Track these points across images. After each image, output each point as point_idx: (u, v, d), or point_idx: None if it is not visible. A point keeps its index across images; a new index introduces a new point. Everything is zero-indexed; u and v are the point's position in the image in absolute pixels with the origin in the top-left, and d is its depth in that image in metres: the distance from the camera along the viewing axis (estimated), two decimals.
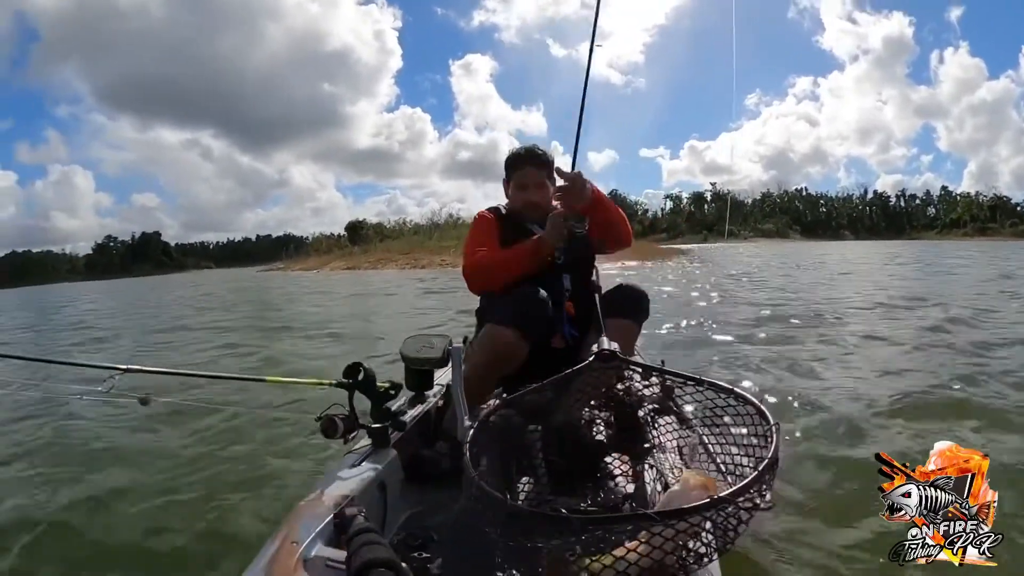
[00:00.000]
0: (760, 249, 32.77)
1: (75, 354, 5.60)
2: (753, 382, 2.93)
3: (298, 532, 0.85)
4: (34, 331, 9.26)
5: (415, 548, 0.95)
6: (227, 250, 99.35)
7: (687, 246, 36.59)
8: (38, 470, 2.22)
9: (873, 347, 3.88)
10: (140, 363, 1.07)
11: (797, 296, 7.26)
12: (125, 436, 2.50)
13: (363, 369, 1.20)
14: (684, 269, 15.30)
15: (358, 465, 1.10)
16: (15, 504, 1.93)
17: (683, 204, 72.57)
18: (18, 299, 24.72)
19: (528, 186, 1.67)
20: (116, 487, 1.97)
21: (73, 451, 2.40)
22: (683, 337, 4.57)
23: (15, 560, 1.56)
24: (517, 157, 1.71)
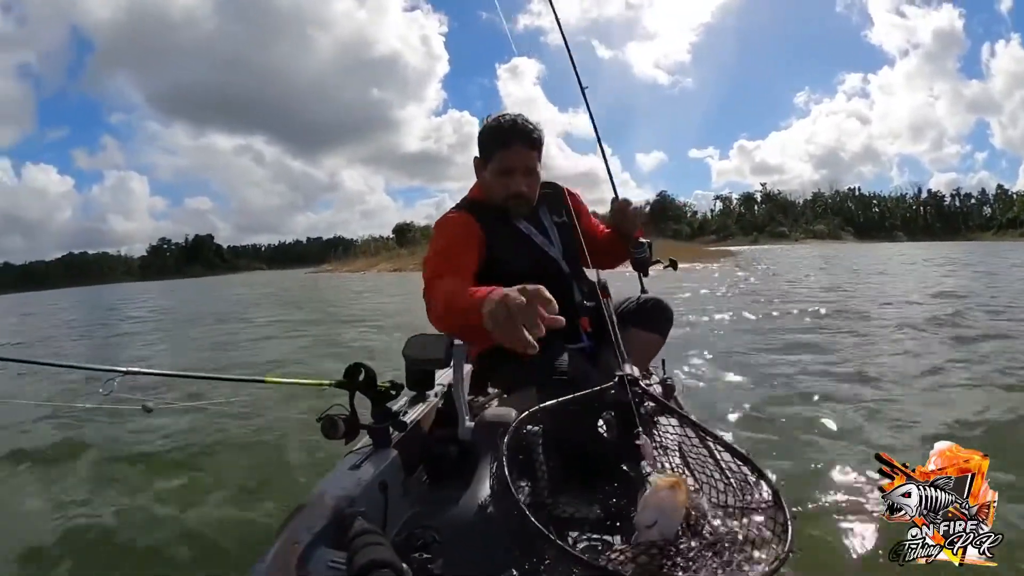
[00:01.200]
0: (811, 250, 31.72)
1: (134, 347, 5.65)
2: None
3: (299, 533, 0.85)
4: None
5: (417, 549, 0.95)
6: (278, 252, 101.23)
7: (736, 248, 36.04)
8: (38, 473, 2.22)
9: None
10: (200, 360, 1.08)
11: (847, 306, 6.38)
12: (123, 437, 2.51)
13: (364, 369, 1.20)
14: (727, 273, 14.30)
15: (359, 466, 1.10)
16: (16, 506, 1.93)
17: (733, 205, 71.17)
18: (84, 297, 25.23)
19: (515, 171, 1.30)
20: (115, 489, 1.98)
21: (73, 454, 2.40)
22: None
23: (17, 562, 1.57)
24: (501, 131, 1.30)
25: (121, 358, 6.48)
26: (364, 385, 1.20)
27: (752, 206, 69.96)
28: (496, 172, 1.32)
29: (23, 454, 2.43)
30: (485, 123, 1.36)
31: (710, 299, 7.47)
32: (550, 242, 1.41)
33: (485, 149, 1.34)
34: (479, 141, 1.36)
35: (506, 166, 1.30)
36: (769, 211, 66.18)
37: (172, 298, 19.14)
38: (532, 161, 1.33)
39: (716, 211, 71.98)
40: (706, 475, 0.92)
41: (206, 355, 6.11)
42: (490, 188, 1.34)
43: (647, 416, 1.01)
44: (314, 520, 0.89)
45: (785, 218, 63.20)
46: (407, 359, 1.51)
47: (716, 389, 3.12)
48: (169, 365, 5.50)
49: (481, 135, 1.36)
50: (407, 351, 1.49)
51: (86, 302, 22.64)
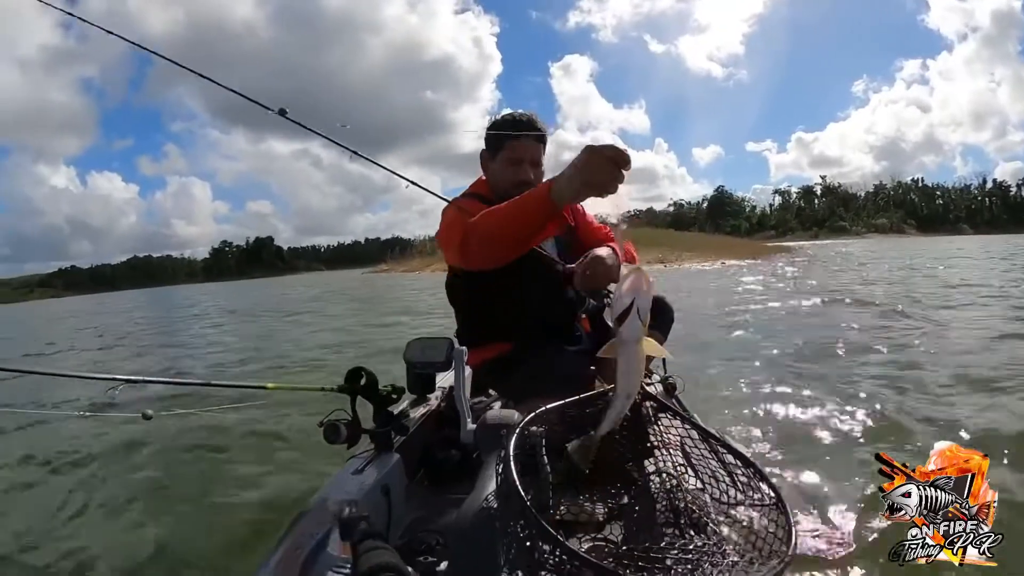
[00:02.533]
0: (872, 245, 30.15)
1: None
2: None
3: (302, 538, 0.86)
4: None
5: (420, 552, 0.95)
6: (337, 253, 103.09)
7: (795, 243, 34.79)
8: (41, 480, 2.22)
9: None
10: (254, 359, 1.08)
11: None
12: (127, 445, 2.50)
13: (365, 374, 1.20)
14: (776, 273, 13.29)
15: (361, 470, 1.10)
16: (17, 510, 1.93)
17: (792, 199, 68.82)
18: (153, 298, 26.24)
19: (523, 160, 1.39)
20: (119, 495, 1.98)
21: (77, 460, 2.40)
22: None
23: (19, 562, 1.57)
24: (515, 124, 1.40)
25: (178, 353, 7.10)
26: (365, 389, 1.20)
27: (812, 200, 67.54)
28: (505, 161, 1.39)
29: (26, 460, 2.43)
30: (495, 119, 1.44)
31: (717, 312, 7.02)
32: (545, 239, 1.44)
33: (495, 141, 1.42)
34: (487, 136, 1.44)
35: (516, 156, 1.38)
36: (829, 205, 63.74)
37: (226, 298, 20.22)
38: (539, 154, 1.41)
39: (775, 206, 69.83)
40: (709, 474, 0.92)
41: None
42: (498, 177, 1.41)
43: (649, 417, 1.01)
44: (317, 525, 0.89)
45: (846, 212, 60.70)
46: (408, 363, 1.51)
47: (718, 389, 3.13)
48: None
49: (490, 128, 1.44)
50: (408, 355, 1.50)
51: (157, 302, 25.05)
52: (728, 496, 0.87)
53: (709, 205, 67.95)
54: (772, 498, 0.78)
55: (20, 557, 1.60)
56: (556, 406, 0.94)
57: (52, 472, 2.29)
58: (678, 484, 0.92)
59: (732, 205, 67.67)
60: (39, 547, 1.64)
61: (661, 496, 0.92)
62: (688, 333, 4.95)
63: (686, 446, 1.01)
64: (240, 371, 4.97)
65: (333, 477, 1.09)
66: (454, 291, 1.48)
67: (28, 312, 35.55)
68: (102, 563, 1.58)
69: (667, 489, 0.93)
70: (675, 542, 0.80)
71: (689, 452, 0.99)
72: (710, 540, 0.78)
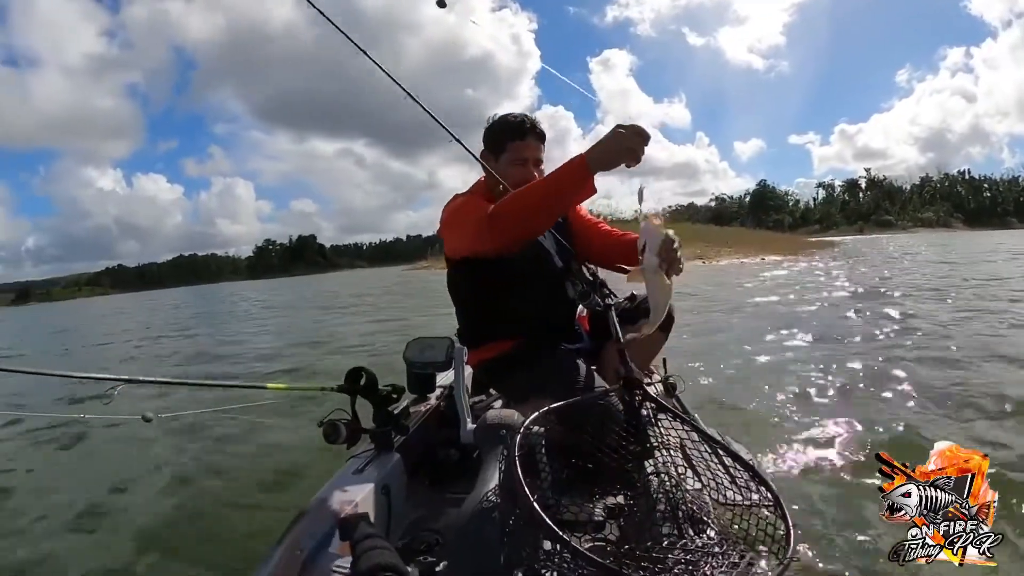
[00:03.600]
0: (918, 240, 28.74)
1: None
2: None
3: (303, 538, 0.86)
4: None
5: (420, 552, 0.95)
6: (379, 250, 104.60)
7: (839, 238, 33.66)
8: (39, 482, 2.22)
9: None
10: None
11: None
12: (127, 445, 2.51)
13: (365, 373, 1.20)
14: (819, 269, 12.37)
15: (362, 470, 1.11)
16: (17, 512, 1.93)
17: (836, 193, 66.49)
18: (199, 294, 27.43)
19: (527, 161, 1.42)
20: (119, 495, 1.98)
21: (75, 461, 2.40)
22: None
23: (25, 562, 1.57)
24: (520, 125, 1.42)
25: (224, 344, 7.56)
26: (365, 389, 1.20)
27: (856, 193, 65.17)
28: (510, 161, 1.42)
29: (27, 461, 2.43)
30: (495, 120, 1.46)
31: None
32: (544, 235, 1.46)
33: (496, 142, 1.44)
34: (489, 136, 1.46)
35: (521, 156, 1.41)
36: (874, 198, 61.44)
37: (268, 292, 22.44)
38: (541, 153, 1.45)
39: (819, 200, 67.43)
40: (709, 475, 0.92)
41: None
42: (505, 175, 1.43)
43: (649, 418, 1.01)
44: (317, 524, 0.89)
45: (892, 206, 58.52)
46: (408, 362, 1.51)
47: (719, 383, 3.13)
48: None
49: (491, 130, 1.46)
50: (408, 355, 1.50)
51: (202, 299, 26.28)
52: (727, 497, 0.87)
53: (751, 199, 66.25)
54: (771, 500, 0.77)
55: (19, 559, 1.60)
56: (559, 406, 0.94)
57: (52, 473, 2.29)
58: (678, 484, 0.93)
59: (775, 199, 65.98)
60: (39, 549, 1.64)
61: (661, 496, 0.92)
62: (698, 325, 4.96)
63: (686, 447, 1.01)
64: (269, 365, 5.01)
65: (333, 477, 1.09)
66: (455, 287, 1.49)
67: (72, 309, 36.49)
68: (102, 563, 1.59)
69: (667, 489, 0.93)
70: (675, 542, 0.80)
71: (689, 453, 0.99)
72: (710, 540, 0.78)
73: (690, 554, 0.73)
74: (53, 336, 13.67)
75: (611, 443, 0.99)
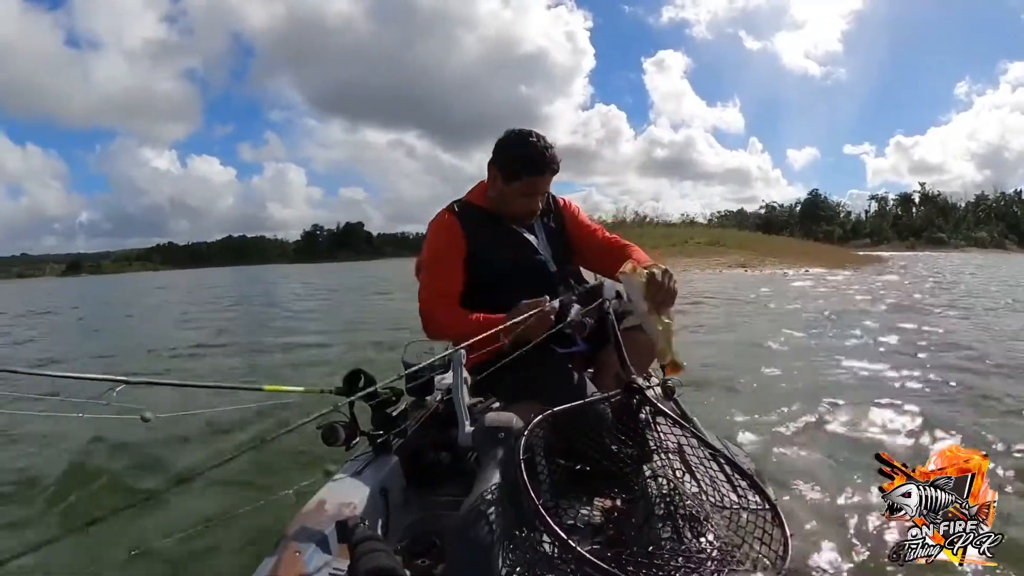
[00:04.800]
0: (967, 259, 26.79)
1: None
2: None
3: (301, 541, 0.85)
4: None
5: (418, 554, 0.95)
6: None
7: (888, 253, 32.29)
8: (34, 482, 2.21)
9: None
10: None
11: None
12: (122, 447, 2.49)
13: (363, 376, 1.20)
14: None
15: (360, 472, 1.10)
16: (15, 514, 1.92)
17: (889, 206, 64.84)
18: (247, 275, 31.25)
19: (536, 194, 1.44)
20: (114, 497, 1.97)
21: (70, 461, 2.39)
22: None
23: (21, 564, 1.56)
24: (538, 161, 1.41)
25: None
26: (364, 392, 1.20)
27: (909, 208, 63.11)
28: (521, 193, 1.42)
29: (24, 463, 2.42)
30: (515, 139, 1.42)
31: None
32: (539, 243, 1.49)
33: (512, 169, 1.41)
34: (506, 157, 1.42)
35: (532, 190, 1.42)
36: (927, 214, 59.44)
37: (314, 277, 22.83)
38: (549, 186, 1.47)
39: (871, 212, 65.15)
40: (708, 480, 0.92)
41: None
42: (508, 202, 1.44)
43: (648, 421, 1.01)
44: (316, 527, 0.89)
45: (945, 223, 56.63)
46: (406, 365, 1.51)
47: (721, 389, 3.13)
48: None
49: (508, 153, 1.42)
50: (406, 357, 1.50)
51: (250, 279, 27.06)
52: (726, 501, 0.86)
53: (802, 209, 64.84)
54: (768, 507, 0.77)
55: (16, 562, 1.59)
56: (562, 409, 0.94)
57: (49, 474, 2.28)
58: (675, 488, 0.93)
59: (826, 210, 64.37)
60: (37, 551, 1.63)
61: (659, 500, 0.92)
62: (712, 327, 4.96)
63: (684, 451, 1.01)
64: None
65: (331, 479, 1.09)
66: None
67: (120, 282, 38.33)
68: (96, 567, 1.58)
69: (664, 493, 0.93)
70: (672, 546, 0.80)
71: (687, 457, 0.99)
72: (709, 544, 0.78)
73: (689, 558, 0.73)
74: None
75: (609, 447, 1.00)
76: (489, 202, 1.48)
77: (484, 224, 1.44)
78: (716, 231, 29.41)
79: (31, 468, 2.37)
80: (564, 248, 1.54)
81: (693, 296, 8.65)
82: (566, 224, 1.58)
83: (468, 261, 1.43)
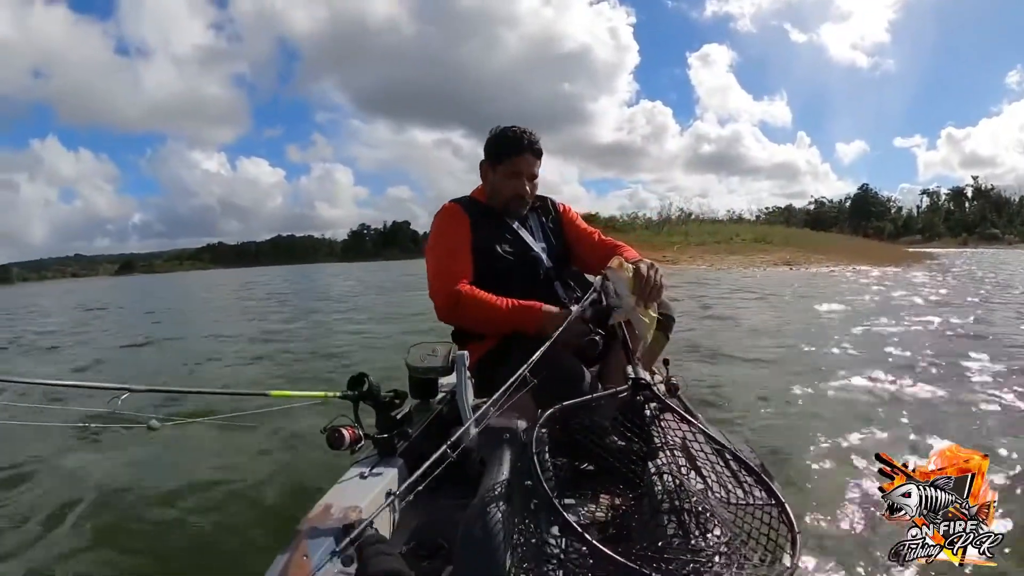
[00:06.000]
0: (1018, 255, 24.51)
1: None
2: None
3: (308, 545, 0.86)
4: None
5: (425, 557, 0.96)
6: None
7: (940, 250, 31.29)
8: (42, 489, 2.22)
9: None
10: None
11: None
12: (129, 453, 2.51)
13: (367, 380, 1.21)
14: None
15: (365, 476, 1.11)
16: (22, 515, 1.94)
17: (940, 201, 62.34)
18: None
19: (522, 174, 1.49)
20: (122, 503, 1.98)
21: (77, 467, 2.40)
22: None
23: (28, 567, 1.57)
24: (518, 140, 1.48)
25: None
26: (368, 395, 1.20)
27: (962, 203, 60.46)
28: (506, 174, 1.49)
29: (31, 471, 2.43)
30: (498, 131, 1.51)
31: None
32: (535, 240, 1.54)
33: (497, 152, 1.50)
34: (489, 147, 1.51)
35: (516, 169, 1.48)
36: (981, 209, 56.80)
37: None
38: (536, 168, 1.51)
39: (922, 208, 62.90)
40: (714, 477, 0.93)
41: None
42: (498, 188, 1.51)
43: (653, 417, 1.02)
44: (322, 531, 0.90)
45: (998, 218, 54.24)
46: (410, 368, 1.52)
47: (722, 388, 3.13)
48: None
49: (492, 141, 1.51)
50: (409, 360, 1.50)
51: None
52: (732, 497, 0.87)
53: (852, 204, 62.91)
54: (775, 503, 0.78)
55: (12, 568, 1.60)
56: (570, 404, 0.95)
57: (56, 482, 2.30)
58: (681, 484, 0.93)
59: (877, 205, 62.45)
60: (34, 559, 1.65)
61: (664, 496, 0.93)
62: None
63: (690, 447, 1.01)
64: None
65: (337, 483, 1.10)
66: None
67: (172, 280, 39.63)
68: (107, 573, 1.59)
69: (670, 490, 0.94)
70: (679, 542, 0.80)
71: (694, 454, 1.00)
72: (716, 541, 0.78)
73: (697, 554, 0.74)
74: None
75: (615, 443, 1.00)
76: (487, 198, 1.55)
77: (484, 217, 1.50)
78: (763, 228, 28.96)
79: (34, 477, 2.38)
80: (562, 247, 1.58)
81: (725, 295, 8.48)
82: (564, 227, 1.62)
83: (472, 251, 1.47)
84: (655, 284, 1.21)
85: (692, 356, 4.01)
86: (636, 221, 32.87)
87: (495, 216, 1.51)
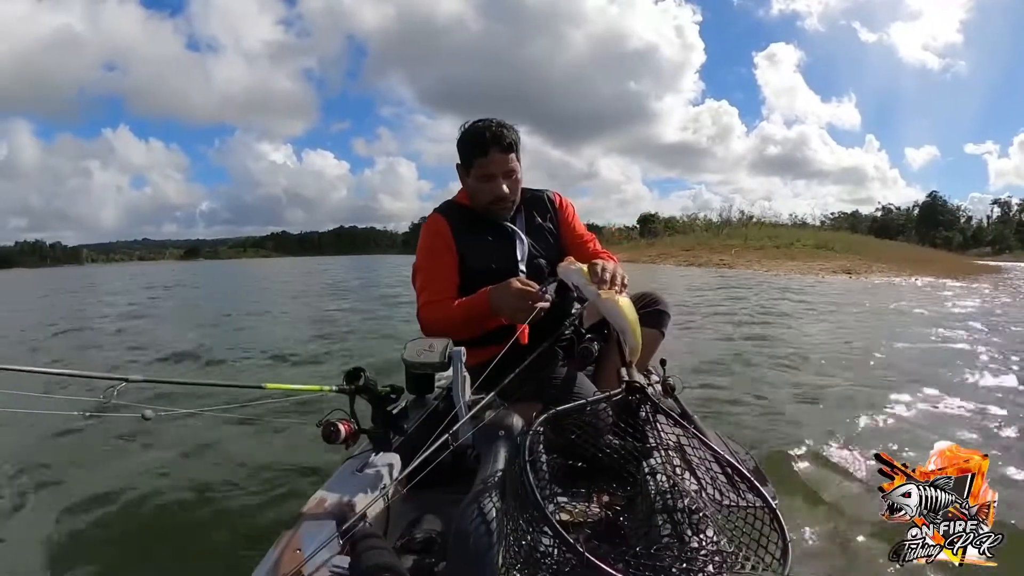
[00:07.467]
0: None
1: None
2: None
3: (301, 539, 0.86)
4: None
5: (418, 552, 0.95)
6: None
7: (1010, 263, 28.95)
8: (35, 479, 2.21)
9: None
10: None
11: None
12: (123, 445, 2.50)
13: (364, 374, 1.20)
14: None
15: (360, 470, 1.11)
16: (21, 511, 1.93)
17: (1012, 212, 59.00)
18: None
19: (495, 176, 1.36)
20: (114, 497, 1.97)
21: (69, 459, 2.39)
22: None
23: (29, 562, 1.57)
24: (476, 139, 1.35)
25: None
26: (364, 390, 1.20)
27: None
28: (478, 178, 1.37)
29: (21, 461, 2.42)
30: (464, 129, 1.40)
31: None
32: (525, 244, 1.46)
33: (465, 157, 1.39)
34: (458, 149, 1.40)
35: (487, 172, 1.36)
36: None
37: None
38: (510, 164, 1.38)
39: (993, 218, 59.89)
40: (709, 479, 0.92)
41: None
42: (476, 194, 1.40)
43: (648, 418, 1.01)
44: (316, 525, 0.89)
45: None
46: (406, 363, 1.51)
47: (722, 388, 3.13)
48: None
49: (459, 143, 1.39)
50: (406, 355, 1.49)
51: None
52: (727, 499, 0.86)
53: (920, 212, 60.52)
54: (767, 509, 0.77)
55: (16, 561, 1.60)
56: (565, 408, 0.94)
57: (45, 470, 2.29)
58: (675, 486, 0.92)
59: (946, 214, 59.53)
60: (35, 552, 1.64)
61: (658, 498, 0.92)
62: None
63: (684, 448, 1.01)
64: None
65: (332, 477, 1.09)
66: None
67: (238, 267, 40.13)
68: (94, 565, 1.58)
69: (663, 491, 0.93)
70: (672, 544, 0.80)
71: (689, 455, 0.99)
72: (709, 542, 0.78)
73: (689, 555, 0.73)
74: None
75: (609, 444, 1.00)
76: (470, 201, 1.47)
77: (466, 222, 1.42)
78: (826, 233, 28.43)
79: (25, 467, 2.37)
80: (558, 247, 1.51)
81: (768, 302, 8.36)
82: (560, 223, 1.56)
83: (460, 261, 1.42)
84: (612, 273, 1.15)
85: (691, 357, 4.01)
86: (695, 222, 32.50)
87: (478, 219, 1.43)
